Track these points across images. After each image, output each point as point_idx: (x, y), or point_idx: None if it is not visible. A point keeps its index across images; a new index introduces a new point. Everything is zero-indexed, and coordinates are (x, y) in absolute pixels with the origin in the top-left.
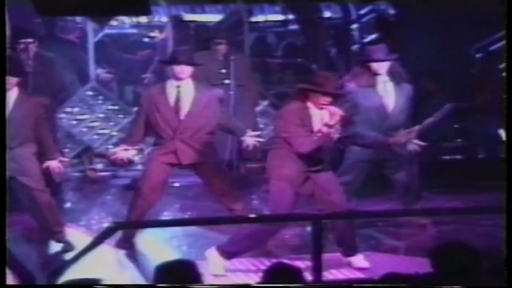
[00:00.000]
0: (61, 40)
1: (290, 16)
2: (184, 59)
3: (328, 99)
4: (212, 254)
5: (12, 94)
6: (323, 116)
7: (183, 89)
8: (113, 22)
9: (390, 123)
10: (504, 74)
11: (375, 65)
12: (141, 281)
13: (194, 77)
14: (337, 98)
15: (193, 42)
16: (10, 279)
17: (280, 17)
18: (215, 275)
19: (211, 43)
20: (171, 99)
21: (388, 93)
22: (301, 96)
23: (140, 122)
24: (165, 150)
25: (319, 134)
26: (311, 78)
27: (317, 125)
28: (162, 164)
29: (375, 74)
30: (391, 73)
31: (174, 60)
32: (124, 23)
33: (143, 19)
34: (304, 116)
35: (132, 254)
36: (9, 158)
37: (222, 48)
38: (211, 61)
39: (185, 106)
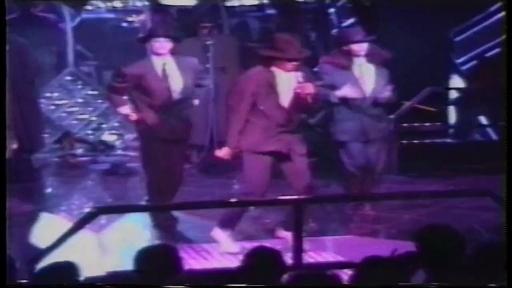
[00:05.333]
0: (37, 25)
1: (265, 0)
2: (163, 32)
3: (294, 63)
4: (218, 233)
5: None
6: (291, 80)
7: (168, 67)
8: (88, 7)
9: (370, 103)
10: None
11: (355, 47)
12: (122, 266)
13: (173, 52)
14: (302, 60)
15: (176, 27)
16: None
17: (254, 1)
18: (229, 253)
19: (197, 27)
20: (160, 76)
21: (364, 75)
22: (265, 61)
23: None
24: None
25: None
26: (273, 43)
27: (284, 87)
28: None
29: (354, 55)
30: (370, 55)
31: (153, 34)
32: (99, 8)
33: (117, 4)
34: (269, 78)
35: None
36: None
37: (207, 32)
38: (197, 47)
39: (176, 84)
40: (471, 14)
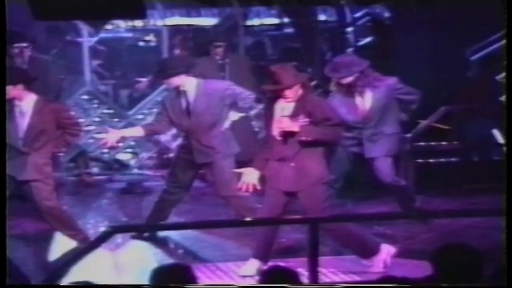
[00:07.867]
0: (56, 44)
1: (286, 20)
2: (183, 69)
3: (288, 93)
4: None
5: (30, 100)
6: (286, 109)
7: (188, 93)
8: (109, 26)
9: (367, 121)
10: (502, 76)
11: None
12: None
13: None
14: (295, 88)
15: (192, 46)
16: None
17: (275, 20)
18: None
19: (210, 46)
20: (183, 103)
21: (361, 98)
22: (270, 95)
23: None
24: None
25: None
26: (270, 76)
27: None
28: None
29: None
30: (362, 80)
31: (172, 70)
32: (119, 27)
33: (138, 23)
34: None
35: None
36: (26, 162)
37: (221, 51)
38: (211, 66)
39: (193, 108)
40: (488, 33)
